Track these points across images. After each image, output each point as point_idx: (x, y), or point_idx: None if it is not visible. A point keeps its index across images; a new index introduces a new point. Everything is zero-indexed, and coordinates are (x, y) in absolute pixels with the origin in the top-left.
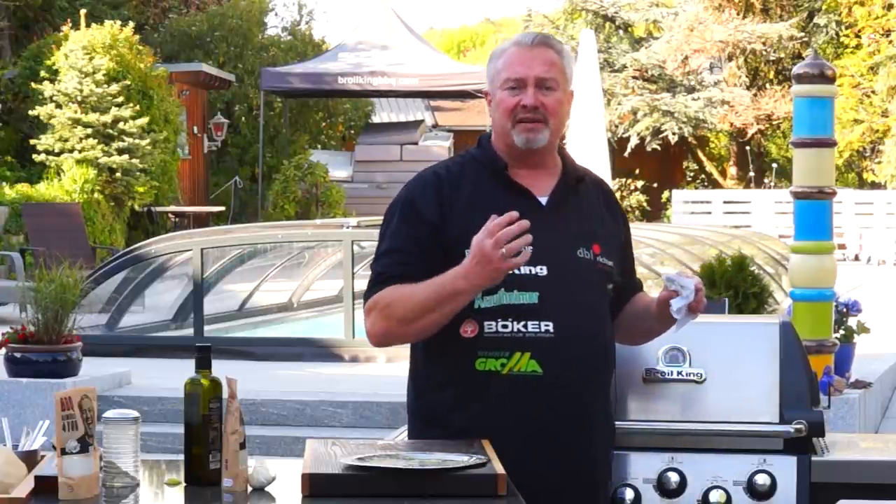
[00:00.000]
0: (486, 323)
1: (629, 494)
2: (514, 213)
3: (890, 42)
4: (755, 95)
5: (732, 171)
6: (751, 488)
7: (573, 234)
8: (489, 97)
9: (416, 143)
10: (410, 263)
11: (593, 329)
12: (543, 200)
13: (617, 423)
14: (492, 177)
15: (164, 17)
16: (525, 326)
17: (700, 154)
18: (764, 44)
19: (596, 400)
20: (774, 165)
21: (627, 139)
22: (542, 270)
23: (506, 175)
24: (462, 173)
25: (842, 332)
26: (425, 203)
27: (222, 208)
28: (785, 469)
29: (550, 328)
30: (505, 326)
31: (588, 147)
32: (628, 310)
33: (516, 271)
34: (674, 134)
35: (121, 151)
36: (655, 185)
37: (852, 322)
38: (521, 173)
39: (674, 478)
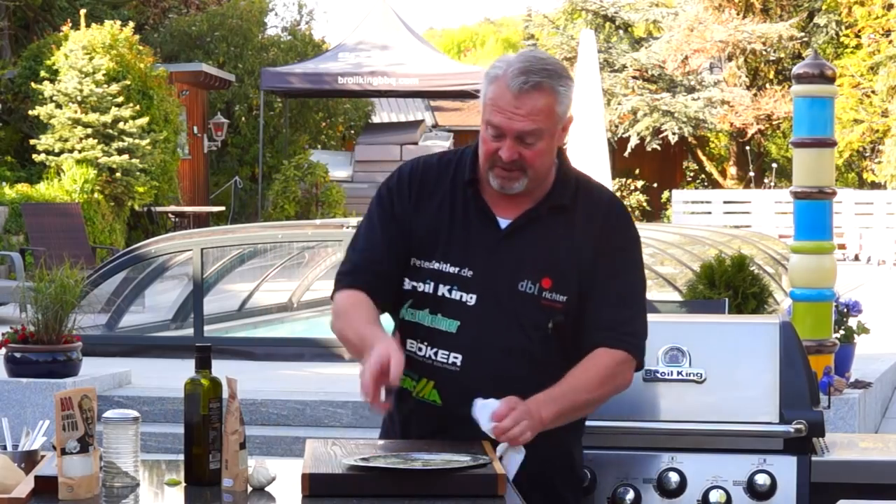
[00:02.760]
0: (408, 340)
1: (629, 494)
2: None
3: (890, 42)
4: (755, 95)
5: (732, 171)
6: (751, 488)
7: (522, 265)
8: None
9: (416, 143)
10: (381, 256)
11: (508, 370)
12: (504, 224)
13: (617, 423)
14: (465, 187)
15: (164, 17)
16: (436, 354)
17: (700, 154)
18: (764, 44)
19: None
20: (774, 165)
21: (627, 139)
22: (471, 299)
23: (476, 191)
24: (441, 176)
25: (842, 332)
26: (401, 196)
27: (222, 208)
28: (785, 469)
29: (458, 362)
30: (420, 350)
31: (588, 147)
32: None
33: (447, 294)
34: (674, 134)
35: (121, 151)
36: (655, 185)
37: (852, 322)
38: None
39: (674, 478)
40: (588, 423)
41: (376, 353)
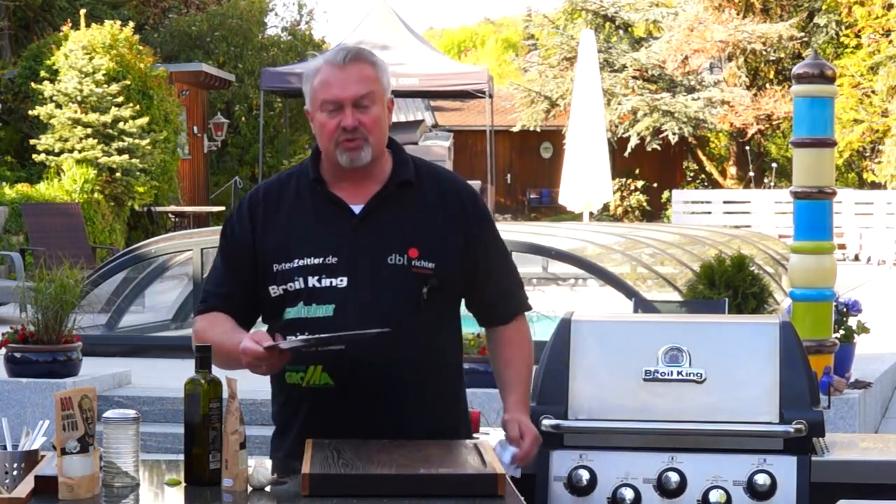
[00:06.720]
0: (288, 337)
1: (629, 494)
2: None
3: (890, 42)
4: (755, 95)
5: (732, 171)
6: (751, 488)
7: (385, 242)
8: (311, 115)
9: (415, 143)
10: (228, 284)
11: (388, 341)
12: (358, 209)
13: (617, 423)
14: (309, 190)
15: (164, 17)
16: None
17: (700, 154)
18: (764, 44)
19: (408, 407)
20: (774, 165)
21: (627, 139)
22: (341, 282)
23: (321, 188)
24: (283, 189)
25: (842, 332)
26: (241, 225)
27: (222, 208)
28: (785, 469)
29: None
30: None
31: (588, 147)
32: (494, 351)
33: (316, 284)
34: (674, 134)
35: (121, 151)
36: (655, 185)
37: (852, 322)
38: (345, 185)
39: (674, 478)
40: (588, 423)
41: (249, 335)
